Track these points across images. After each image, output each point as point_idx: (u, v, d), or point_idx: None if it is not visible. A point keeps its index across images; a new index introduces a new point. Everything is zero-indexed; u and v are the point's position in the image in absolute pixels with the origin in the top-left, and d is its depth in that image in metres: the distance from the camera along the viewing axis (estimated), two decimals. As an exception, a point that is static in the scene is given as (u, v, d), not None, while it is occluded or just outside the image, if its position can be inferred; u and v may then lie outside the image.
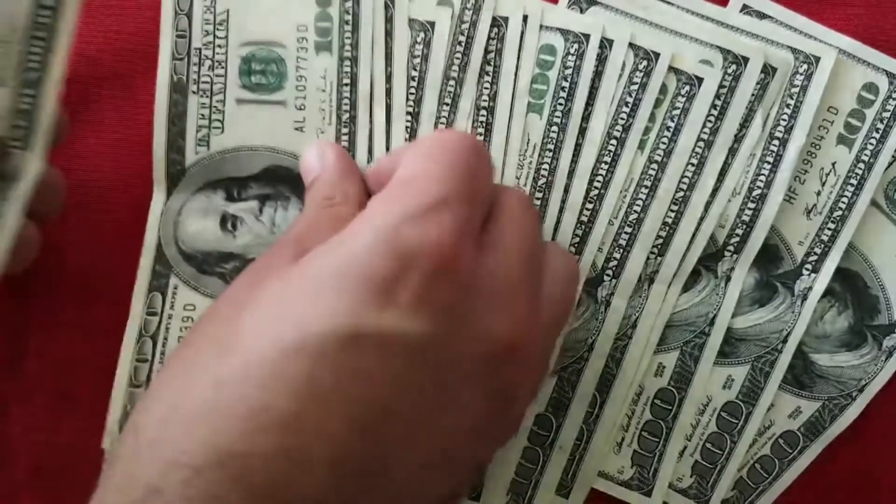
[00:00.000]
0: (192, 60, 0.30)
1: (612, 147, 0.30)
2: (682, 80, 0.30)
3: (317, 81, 0.30)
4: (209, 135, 0.30)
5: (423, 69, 0.30)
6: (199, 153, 0.30)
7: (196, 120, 0.30)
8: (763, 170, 0.30)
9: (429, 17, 0.30)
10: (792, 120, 0.30)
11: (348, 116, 0.30)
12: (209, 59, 0.30)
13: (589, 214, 0.30)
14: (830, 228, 0.31)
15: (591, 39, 0.29)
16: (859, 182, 0.30)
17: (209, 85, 0.30)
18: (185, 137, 0.30)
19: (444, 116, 0.30)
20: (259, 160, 0.30)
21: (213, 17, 0.30)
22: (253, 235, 0.30)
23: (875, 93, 0.30)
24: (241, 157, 0.30)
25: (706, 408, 0.31)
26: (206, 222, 0.30)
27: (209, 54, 0.30)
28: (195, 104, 0.30)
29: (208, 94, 0.30)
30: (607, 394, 0.31)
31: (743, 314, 0.31)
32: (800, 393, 0.31)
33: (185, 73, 0.30)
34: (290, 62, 0.30)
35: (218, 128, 0.30)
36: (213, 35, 0.30)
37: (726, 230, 0.31)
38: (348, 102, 0.30)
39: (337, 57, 0.30)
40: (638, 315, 0.31)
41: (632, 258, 0.30)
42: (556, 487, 0.31)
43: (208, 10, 0.30)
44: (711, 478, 0.31)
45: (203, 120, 0.30)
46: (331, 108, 0.30)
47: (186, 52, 0.30)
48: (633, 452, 0.31)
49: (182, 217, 0.30)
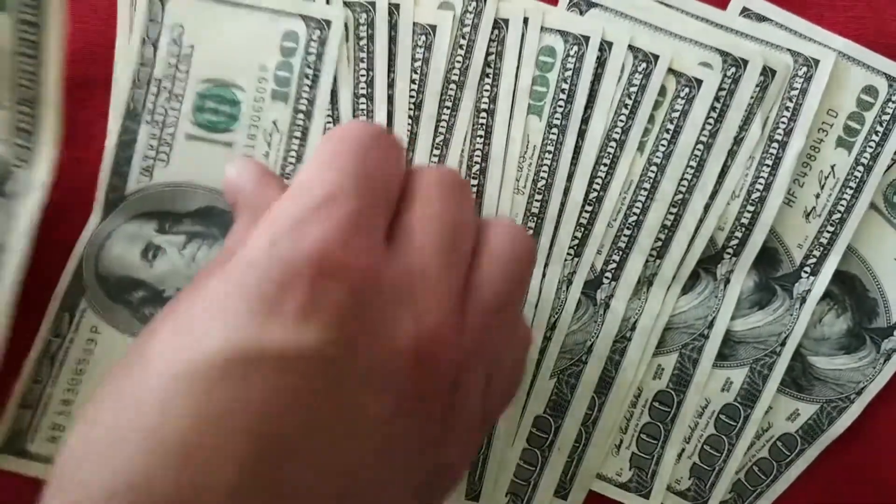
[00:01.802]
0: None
1: (612, 149, 0.30)
2: (682, 82, 0.30)
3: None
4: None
5: (423, 73, 0.30)
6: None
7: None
8: (762, 172, 0.30)
9: (430, 21, 0.30)
10: (791, 123, 0.30)
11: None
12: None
13: (588, 216, 0.30)
14: (829, 231, 0.31)
15: (590, 41, 0.30)
16: (858, 185, 0.30)
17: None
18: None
19: (444, 120, 0.30)
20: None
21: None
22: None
23: (874, 95, 0.30)
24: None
25: (705, 410, 0.31)
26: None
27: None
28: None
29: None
30: (606, 396, 0.31)
31: (742, 317, 0.31)
32: (798, 395, 0.31)
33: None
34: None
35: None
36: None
37: (725, 232, 0.31)
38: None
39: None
40: (637, 317, 0.31)
41: (631, 260, 0.30)
42: (555, 489, 0.31)
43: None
44: (709, 480, 0.31)
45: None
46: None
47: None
48: (632, 454, 0.31)
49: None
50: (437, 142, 0.30)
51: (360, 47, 0.30)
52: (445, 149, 0.30)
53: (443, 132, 0.30)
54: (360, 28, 0.30)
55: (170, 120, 0.30)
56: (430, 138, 0.30)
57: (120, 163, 0.30)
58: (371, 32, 0.30)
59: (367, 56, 0.30)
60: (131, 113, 0.30)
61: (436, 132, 0.30)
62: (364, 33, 0.30)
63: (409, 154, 0.30)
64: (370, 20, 0.30)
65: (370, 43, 0.30)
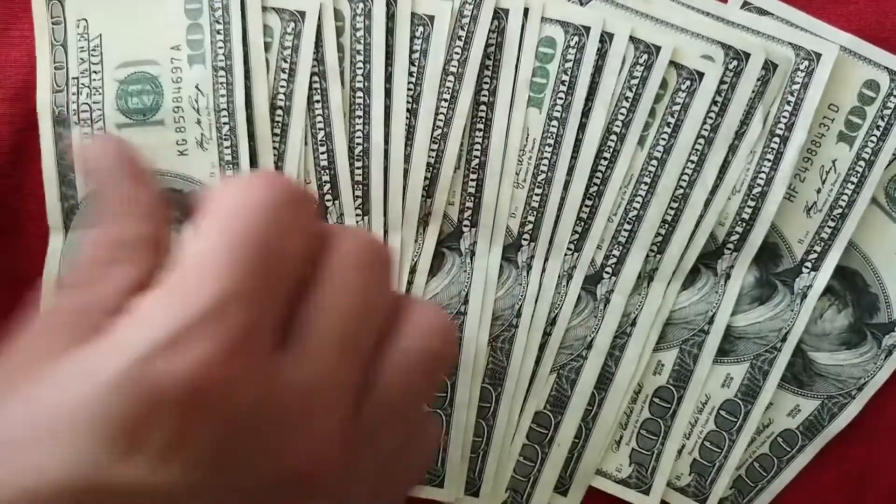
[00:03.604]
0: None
1: (612, 143, 0.30)
2: (683, 74, 0.30)
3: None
4: None
5: (421, 65, 0.30)
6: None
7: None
8: (763, 167, 0.30)
9: (428, 12, 0.30)
10: (793, 117, 0.30)
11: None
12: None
13: (588, 211, 0.30)
14: (830, 226, 0.30)
15: (591, 32, 0.29)
16: (860, 180, 0.30)
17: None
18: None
19: (442, 113, 0.30)
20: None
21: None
22: None
23: (876, 90, 0.30)
24: None
25: (705, 406, 0.31)
26: None
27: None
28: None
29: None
30: (606, 391, 0.31)
31: (742, 312, 0.31)
32: (799, 391, 0.31)
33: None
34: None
35: None
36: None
37: (726, 228, 0.30)
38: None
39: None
40: (637, 313, 0.31)
41: (631, 255, 0.30)
42: (555, 485, 0.31)
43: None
44: (710, 476, 0.31)
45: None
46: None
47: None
48: (632, 450, 0.31)
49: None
50: (435, 136, 0.30)
51: (357, 39, 0.30)
52: (443, 143, 0.30)
53: (441, 126, 0.30)
54: (356, 19, 0.30)
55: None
56: (429, 132, 0.30)
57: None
58: (368, 24, 0.30)
59: (363, 48, 0.30)
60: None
61: (434, 126, 0.30)
62: (361, 24, 0.30)
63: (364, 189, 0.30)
64: (367, 10, 0.29)
65: (367, 35, 0.30)
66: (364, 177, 0.30)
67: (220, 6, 0.29)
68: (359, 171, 0.30)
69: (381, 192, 0.30)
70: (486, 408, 0.31)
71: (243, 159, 0.29)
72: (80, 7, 0.30)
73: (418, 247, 0.30)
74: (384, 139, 0.30)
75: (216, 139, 0.30)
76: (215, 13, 0.29)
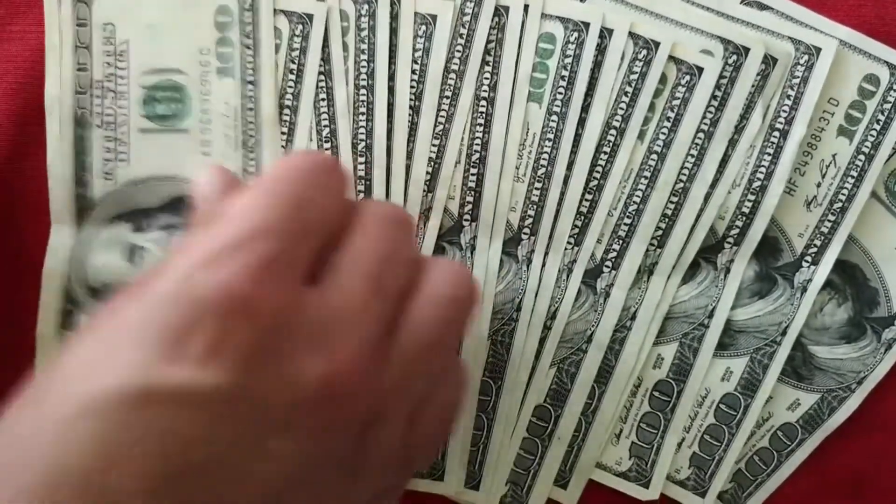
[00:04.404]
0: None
1: (612, 137, 0.30)
2: (683, 69, 0.30)
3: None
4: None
5: (423, 63, 0.30)
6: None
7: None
8: (763, 161, 0.30)
9: (431, 11, 0.30)
10: (792, 111, 0.30)
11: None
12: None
13: (588, 205, 0.30)
14: (830, 220, 0.30)
15: (590, 28, 0.29)
16: (860, 174, 0.30)
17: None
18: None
19: (444, 110, 0.30)
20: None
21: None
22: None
23: (876, 84, 0.30)
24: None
25: (705, 400, 0.31)
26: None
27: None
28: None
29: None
30: (606, 385, 0.31)
31: (742, 306, 0.31)
32: (799, 385, 0.31)
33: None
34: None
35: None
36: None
37: (726, 222, 0.30)
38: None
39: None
40: (637, 307, 0.31)
41: (631, 249, 0.30)
42: (555, 478, 0.31)
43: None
44: (709, 470, 0.31)
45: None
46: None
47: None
48: (632, 444, 0.31)
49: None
50: (436, 132, 0.30)
51: (362, 38, 0.30)
52: (445, 139, 0.30)
53: (442, 122, 0.30)
54: (361, 20, 0.30)
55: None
56: (431, 128, 0.30)
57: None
58: (373, 24, 0.30)
59: (368, 47, 0.30)
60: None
61: (436, 122, 0.30)
62: (365, 24, 0.30)
63: (366, 184, 0.30)
64: (372, 11, 0.30)
65: (371, 34, 0.30)
66: (367, 172, 0.30)
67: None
68: (361, 167, 0.30)
69: (383, 187, 0.30)
70: (486, 401, 0.31)
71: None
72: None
73: (419, 241, 0.30)
74: (387, 135, 0.30)
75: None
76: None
